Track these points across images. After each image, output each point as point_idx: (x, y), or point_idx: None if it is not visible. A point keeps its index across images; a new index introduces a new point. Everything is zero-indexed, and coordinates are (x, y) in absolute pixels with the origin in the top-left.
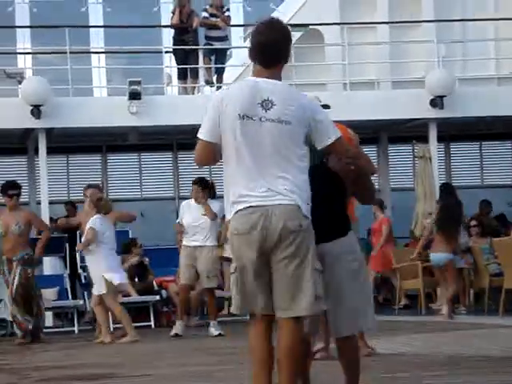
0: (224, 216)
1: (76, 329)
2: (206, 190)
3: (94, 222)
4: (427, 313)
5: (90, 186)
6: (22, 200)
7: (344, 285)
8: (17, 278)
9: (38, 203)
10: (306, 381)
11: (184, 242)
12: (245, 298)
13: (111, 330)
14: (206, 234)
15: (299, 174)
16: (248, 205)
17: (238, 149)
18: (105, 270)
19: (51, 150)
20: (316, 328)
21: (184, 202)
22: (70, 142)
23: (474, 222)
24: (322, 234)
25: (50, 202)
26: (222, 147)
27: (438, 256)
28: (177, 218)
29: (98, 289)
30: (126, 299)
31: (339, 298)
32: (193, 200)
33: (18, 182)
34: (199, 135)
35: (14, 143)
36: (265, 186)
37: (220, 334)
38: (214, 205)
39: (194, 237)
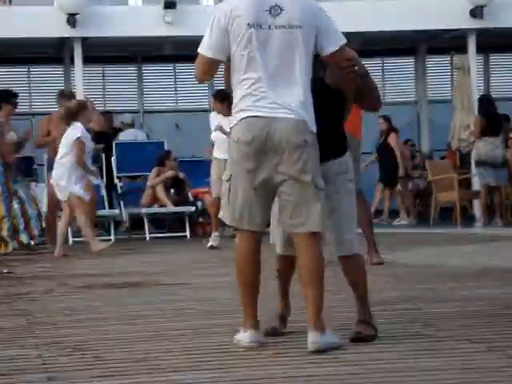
0: None
1: (113, 238)
2: (225, 103)
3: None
4: (462, 225)
5: (63, 94)
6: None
7: (343, 204)
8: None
9: None
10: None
11: (214, 155)
12: (237, 210)
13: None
14: None
15: (307, 87)
16: (253, 114)
17: (249, 59)
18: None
19: (87, 60)
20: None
21: (211, 114)
22: (106, 52)
23: None
24: (320, 154)
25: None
26: (231, 58)
27: None
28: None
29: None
30: (162, 209)
31: (339, 218)
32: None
33: (53, 91)
34: (201, 50)
35: (50, 52)
36: (272, 97)
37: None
38: None
39: (224, 149)
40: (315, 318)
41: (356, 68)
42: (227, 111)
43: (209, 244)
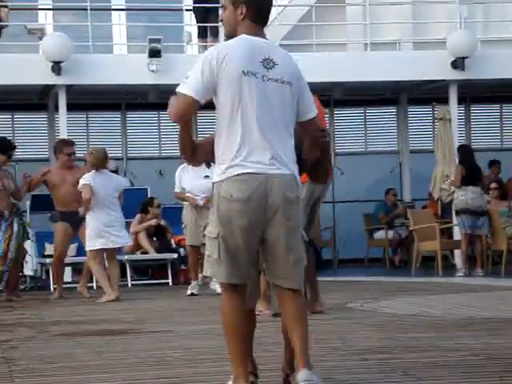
0: None
1: (94, 284)
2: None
3: (86, 178)
4: (444, 274)
5: (66, 142)
6: (42, 156)
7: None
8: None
9: None
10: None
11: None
12: (232, 267)
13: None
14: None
15: (292, 142)
16: (247, 170)
17: (242, 108)
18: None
19: (71, 107)
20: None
21: (180, 168)
22: (90, 99)
23: (494, 185)
24: None
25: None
26: (218, 105)
27: None
28: None
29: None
30: (145, 256)
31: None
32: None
33: (37, 138)
34: (183, 90)
35: (34, 99)
36: (267, 152)
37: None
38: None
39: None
40: (305, 356)
41: (326, 139)
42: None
43: (188, 292)
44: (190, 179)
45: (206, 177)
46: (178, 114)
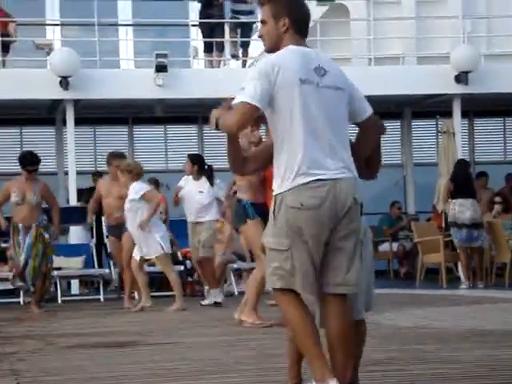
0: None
1: (102, 297)
2: (195, 166)
3: (143, 187)
4: (448, 286)
5: (114, 155)
6: (49, 170)
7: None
8: (36, 242)
9: (66, 173)
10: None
11: (188, 219)
12: (304, 277)
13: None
14: (207, 209)
15: (349, 146)
16: (315, 178)
17: (303, 116)
18: (158, 234)
19: (79, 121)
20: None
21: (183, 178)
22: (97, 114)
23: (498, 198)
24: None
25: (78, 172)
26: (276, 115)
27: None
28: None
29: (151, 251)
30: (151, 268)
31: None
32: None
33: (45, 152)
34: (243, 98)
35: (43, 114)
36: (331, 157)
37: (216, 303)
38: (217, 182)
39: (196, 212)
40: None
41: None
42: (196, 175)
43: (212, 300)
44: (187, 192)
45: (201, 192)
46: (240, 122)
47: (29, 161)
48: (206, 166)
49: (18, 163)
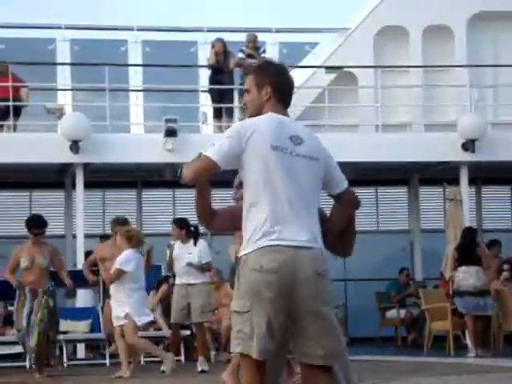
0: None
1: (107, 361)
2: (183, 229)
3: (121, 261)
4: (456, 354)
5: (118, 221)
6: (58, 233)
7: None
8: (41, 308)
9: (74, 236)
10: None
11: (176, 282)
12: (264, 342)
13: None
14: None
15: (317, 217)
16: (278, 243)
17: (271, 181)
18: (128, 309)
19: (88, 185)
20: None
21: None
22: (107, 177)
23: (506, 266)
24: None
25: (86, 236)
26: (245, 179)
27: None
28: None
29: (118, 320)
30: (157, 333)
31: None
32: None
33: (54, 215)
34: (209, 154)
35: (52, 177)
36: (296, 226)
37: (203, 371)
38: (203, 247)
39: (188, 275)
40: None
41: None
42: (185, 239)
43: (199, 368)
44: (177, 255)
45: (189, 254)
46: (195, 173)
47: (35, 224)
48: (192, 228)
49: (37, 229)
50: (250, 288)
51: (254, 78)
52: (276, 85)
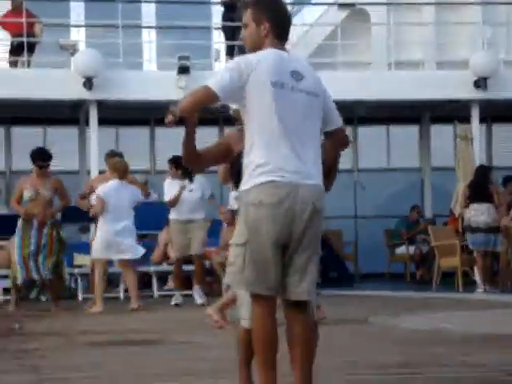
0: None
1: (121, 295)
2: (179, 169)
3: (103, 190)
4: (464, 290)
5: (109, 154)
6: (73, 169)
7: None
8: (54, 240)
9: (88, 173)
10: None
11: (173, 216)
12: (258, 275)
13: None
14: (199, 207)
15: (319, 152)
16: (277, 179)
17: (271, 117)
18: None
19: (101, 121)
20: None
21: (167, 181)
22: (120, 115)
23: None
24: None
25: (100, 172)
26: (246, 115)
27: None
28: (220, 189)
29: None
30: (169, 268)
31: None
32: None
33: (68, 151)
34: (210, 84)
35: (66, 114)
36: (296, 162)
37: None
38: (202, 181)
39: (189, 211)
40: None
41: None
42: (181, 177)
43: (198, 301)
44: (173, 192)
45: (190, 191)
46: (193, 102)
47: (40, 157)
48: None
49: (42, 162)
50: (249, 223)
51: (252, 13)
52: (274, 20)
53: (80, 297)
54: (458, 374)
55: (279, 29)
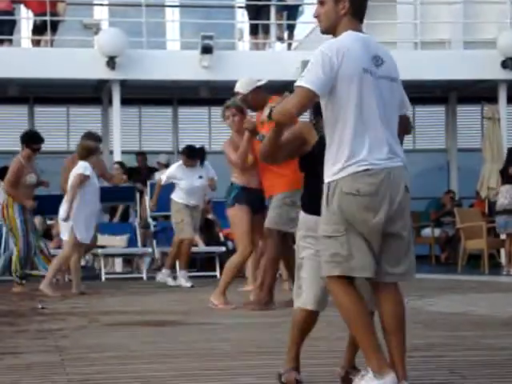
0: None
1: (145, 276)
2: (191, 158)
3: (78, 168)
4: (490, 273)
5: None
6: None
7: None
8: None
9: (111, 153)
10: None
11: (184, 202)
12: (362, 262)
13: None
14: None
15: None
16: (372, 166)
17: (362, 105)
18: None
19: (124, 101)
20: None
21: (176, 165)
22: (143, 94)
23: None
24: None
25: (123, 152)
26: (333, 103)
27: None
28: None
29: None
30: (194, 248)
31: None
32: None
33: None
34: (305, 83)
35: (89, 93)
36: (386, 147)
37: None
38: (208, 169)
39: (199, 197)
40: (405, 366)
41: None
42: (191, 163)
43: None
44: (186, 178)
45: (200, 177)
46: (298, 105)
47: (37, 140)
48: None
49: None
50: (344, 213)
51: None
52: None
53: (103, 277)
54: (483, 357)
55: (359, 8)
